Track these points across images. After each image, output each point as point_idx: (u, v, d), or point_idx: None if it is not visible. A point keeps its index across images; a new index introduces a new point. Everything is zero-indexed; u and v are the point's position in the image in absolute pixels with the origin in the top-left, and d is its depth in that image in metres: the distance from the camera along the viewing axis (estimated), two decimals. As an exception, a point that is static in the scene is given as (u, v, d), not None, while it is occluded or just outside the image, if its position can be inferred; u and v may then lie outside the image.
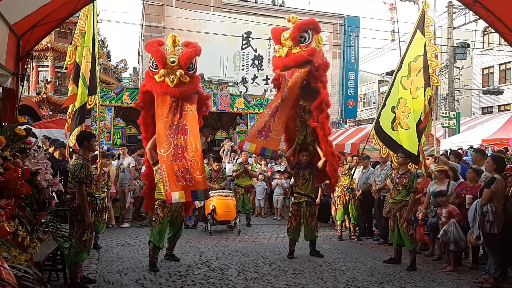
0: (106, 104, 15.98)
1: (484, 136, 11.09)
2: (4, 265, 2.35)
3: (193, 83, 6.55)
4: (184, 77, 6.30)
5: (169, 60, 6.26)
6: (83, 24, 6.90)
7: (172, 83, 6.24)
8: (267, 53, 27.31)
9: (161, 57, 6.26)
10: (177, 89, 6.28)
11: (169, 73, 6.25)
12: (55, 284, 5.35)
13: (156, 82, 6.32)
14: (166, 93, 6.30)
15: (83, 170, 5.15)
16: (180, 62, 6.30)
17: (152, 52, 6.37)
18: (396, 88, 8.16)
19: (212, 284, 5.62)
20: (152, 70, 6.44)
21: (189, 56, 6.40)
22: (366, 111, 40.97)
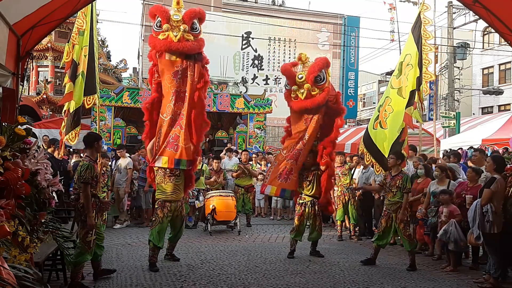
0: (106, 104, 15.97)
1: (484, 136, 11.10)
2: (4, 265, 2.35)
3: (198, 42, 6.63)
4: (188, 35, 6.41)
5: (173, 16, 6.41)
6: (81, 22, 6.89)
7: (176, 37, 6.30)
8: (267, 53, 27.31)
9: (165, 13, 6.44)
10: (181, 44, 6.34)
11: (173, 29, 6.35)
12: (55, 284, 5.35)
13: (159, 39, 6.39)
14: (170, 48, 6.36)
15: (88, 171, 5.16)
16: (184, 19, 6.44)
17: (156, 10, 6.53)
18: (387, 88, 8.28)
19: (212, 284, 5.62)
20: (156, 30, 6.50)
21: (192, 14, 6.58)
22: (366, 111, 40.99)
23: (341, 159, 9.14)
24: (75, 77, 6.82)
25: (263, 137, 18.47)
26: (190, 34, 6.46)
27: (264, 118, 18.52)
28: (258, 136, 18.24)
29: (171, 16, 6.42)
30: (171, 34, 6.33)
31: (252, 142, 17.92)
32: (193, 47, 6.51)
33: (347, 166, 9.09)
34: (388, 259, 7.24)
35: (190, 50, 6.46)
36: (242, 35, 26.87)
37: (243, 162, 10.61)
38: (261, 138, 18.34)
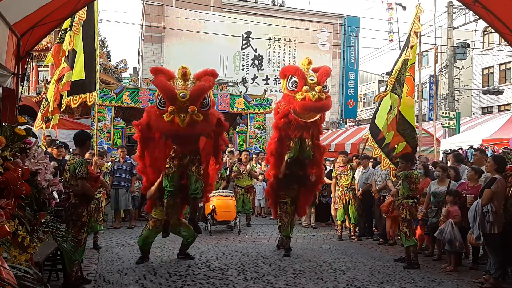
0: (106, 104, 15.98)
1: (484, 136, 11.09)
2: (4, 265, 2.35)
3: (208, 122, 5.86)
4: (198, 115, 5.59)
5: (179, 95, 5.53)
6: (82, 14, 6.89)
7: (183, 122, 5.54)
8: (267, 53, 27.31)
9: (170, 92, 5.55)
10: (189, 128, 5.63)
11: (180, 111, 5.51)
12: (55, 284, 5.35)
13: (164, 121, 5.61)
14: (177, 134, 5.73)
15: (84, 166, 5.16)
16: (192, 98, 5.55)
17: (160, 87, 5.71)
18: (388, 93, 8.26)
19: (212, 284, 5.62)
20: (160, 108, 5.73)
21: (202, 90, 5.69)
22: (366, 111, 40.94)
23: (344, 159, 9.13)
24: (73, 65, 6.83)
25: (263, 137, 18.47)
26: (200, 114, 5.67)
27: (264, 118, 18.53)
28: (258, 136, 18.24)
29: (177, 95, 5.57)
30: (177, 118, 5.59)
31: (252, 142, 17.93)
32: (203, 130, 5.99)
33: (349, 166, 9.08)
34: (388, 259, 7.24)
35: (201, 131, 6.00)
36: (242, 35, 26.88)
37: (243, 162, 10.61)
38: (261, 138, 18.34)
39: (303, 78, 6.76)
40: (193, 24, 25.74)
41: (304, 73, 6.84)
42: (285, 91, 7.07)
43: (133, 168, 9.71)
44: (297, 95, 6.74)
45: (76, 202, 5.18)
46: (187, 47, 25.64)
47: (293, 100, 6.79)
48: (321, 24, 28.22)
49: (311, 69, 7.07)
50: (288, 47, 27.56)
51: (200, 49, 25.57)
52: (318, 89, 6.66)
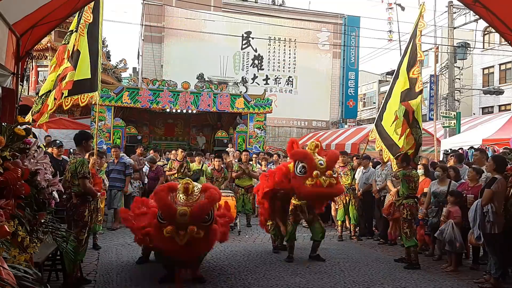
0: (106, 104, 15.99)
1: (485, 136, 11.07)
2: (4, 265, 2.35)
3: (208, 239, 5.47)
4: (198, 232, 5.19)
5: (179, 212, 5.16)
6: (89, 16, 6.90)
7: (182, 240, 5.17)
8: (267, 53, 27.30)
9: (169, 209, 5.20)
10: (188, 249, 5.27)
11: (179, 228, 5.18)
12: (55, 285, 5.34)
13: (163, 236, 5.26)
14: (174, 253, 5.37)
15: (85, 166, 5.19)
16: (192, 215, 5.18)
17: (159, 202, 5.36)
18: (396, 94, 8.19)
19: (212, 285, 5.61)
20: (160, 221, 5.38)
21: (203, 209, 5.31)
22: (366, 111, 40.94)
23: (344, 159, 9.13)
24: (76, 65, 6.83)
25: (263, 137, 18.48)
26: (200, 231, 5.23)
27: (264, 118, 18.54)
28: (258, 136, 18.25)
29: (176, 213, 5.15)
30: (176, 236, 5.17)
31: (252, 142, 17.93)
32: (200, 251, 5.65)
33: (349, 166, 9.08)
34: (388, 259, 7.23)
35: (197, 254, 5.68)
36: (242, 35, 26.87)
37: (244, 162, 10.60)
38: (261, 138, 18.34)
39: (312, 163, 6.56)
40: (193, 24, 25.73)
41: (313, 159, 6.63)
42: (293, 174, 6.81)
43: (127, 168, 9.65)
44: (306, 181, 6.52)
45: (77, 202, 5.19)
46: (187, 47, 25.64)
47: (302, 185, 6.59)
48: (321, 24, 28.21)
49: (316, 153, 6.85)
50: (288, 47, 27.56)
51: (200, 49, 25.57)
52: (329, 174, 6.53)
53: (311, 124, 27.85)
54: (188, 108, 17.65)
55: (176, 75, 22.50)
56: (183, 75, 22.08)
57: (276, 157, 13.10)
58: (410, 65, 7.78)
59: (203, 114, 19.96)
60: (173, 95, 17.25)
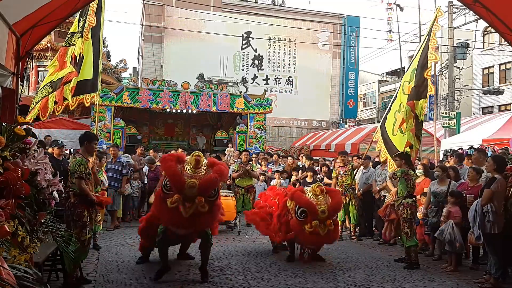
0: (106, 104, 15.97)
1: (485, 136, 11.08)
2: (4, 265, 2.35)
3: (211, 215, 5.52)
4: (203, 206, 5.23)
5: (187, 183, 5.14)
6: (92, 20, 6.92)
7: (187, 212, 5.18)
8: (267, 53, 27.30)
9: (179, 180, 5.16)
10: (192, 221, 5.29)
11: (185, 199, 5.16)
12: (55, 285, 5.34)
13: (166, 207, 5.24)
14: (177, 225, 5.38)
15: (82, 166, 5.18)
16: (200, 188, 5.17)
17: (168, 172, 5.33)
18: (399, 93, 8.21)
19: (212, 284, 5.61)
20: (165, 192, 5.38)
21: (212, 183, 5.33)
22: (366, 111, 40.95)
23: (343, 159, 9.13)
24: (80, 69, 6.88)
25: (263, 137, 18.47)
26: (205, 205, 5.29)
27: (264, 118, 18.53)
28: (258, 136, 18.24)
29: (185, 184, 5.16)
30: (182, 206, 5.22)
31: (252, 142, 17.93)
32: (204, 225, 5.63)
33: (349, 166, 9.08)
34: (388, 259, 7.23)
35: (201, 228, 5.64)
36: (242, 35, 26.87)
37: (244, 162, 10.61)
38: (261, 138, 18.34)
39: (314, 213, 6.51)
40: (193, 24, 25.74)
41: (316, 208, 6.52)
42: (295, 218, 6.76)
43: (124, 168, 9.62)
44: (306, 226, 6.51)
45: (75, 201, 5.17)
46: (187, 47, 25.64)
47: (300, 230, 6.59)
48: (321, 24, 28.21)
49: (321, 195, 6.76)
50: (288, 47, 27.55)
51: (200, 49, 25.57)
52: (328, 224, 6.54)
53: (311, 124, 27.85)
54: (188, 108, 17.65)
55: (176, 75, 22.50)
56: (183, 75, 22.08)
57: (276, 157, 13.11)
58: (426, 66, 7.76)
59: (203, 114, 19.96)
60: (173, 95, 17.25)
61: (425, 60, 7.79)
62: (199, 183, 5.13)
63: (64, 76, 6.92)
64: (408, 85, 7.98)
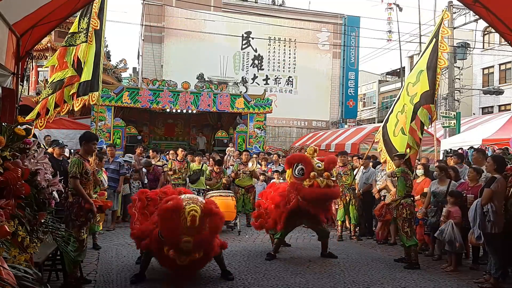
0: (106, 104, 15.97)
1: (485, 136, 11.08)
2: (4, 265, 2.35)
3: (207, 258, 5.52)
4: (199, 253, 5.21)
5: (183, 241, 5.01)
6: (96, 22, 6.93)
7: (183, 262, 5.19)
8: (267, 53, 27.31)
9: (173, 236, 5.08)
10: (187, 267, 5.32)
11: (180, 253, 5.15)
12: (55, 285, 5.34)
13: (164, 253, 5.27)
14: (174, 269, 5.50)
15: (76, 166, 5.18)
16: (195, 245, 5.08)
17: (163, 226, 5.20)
18: (404, 94, 8.15)
19: (212, 284, 5.62)
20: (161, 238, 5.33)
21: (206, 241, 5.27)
22: (366, 111, 40.97)
23: (343, 160, 9.13)
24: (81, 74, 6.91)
25: (263, 137, 18.48)
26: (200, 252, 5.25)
27: (264, 118, 18.53)
28: (258, 136, 18.25)
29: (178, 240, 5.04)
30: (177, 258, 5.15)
31: (252, 142, 17.93)
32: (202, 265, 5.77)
33: (349, 166, 9.08)
34: (388, 259, 7.24)
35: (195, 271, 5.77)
36: (242, 35, 26.88)
37: (243, 162, 10.60)
38: (261, 138, 18.34)
39: (310, 164, 6.75)
40: (193, 24, 25.74)
41: (311, 160, 6.85)
42: (292, 179, 6.96)
43: (121, 168, 9.59)
44: (304, 182, 6.68)
45: (73, 201, 5.17)
46: (187, 47, 25.64)
47: (300, 187, 6.72)
48: (321, 24, 28.21)
49: (315, 158, 7.04)
50: (288, 47, 27.56)
51: (200, 49, 25.58)
52: (326, 175, 6.69)
53: (311, 124, 27.86)
54: (188, 108, 17.65)
55: (176, 75, 22.51)
56: (183, 75, 22.08)
57: (276, 157, 13.11)
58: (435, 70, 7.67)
59: (203, 114, 19.96)
60: (173, 95, 17.25)
61: (434, 64, 7.65)
62: (193, 241, 5.03)
63: (66, 79, 6.96)
64: (413, 86, 7.91)
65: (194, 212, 5.00)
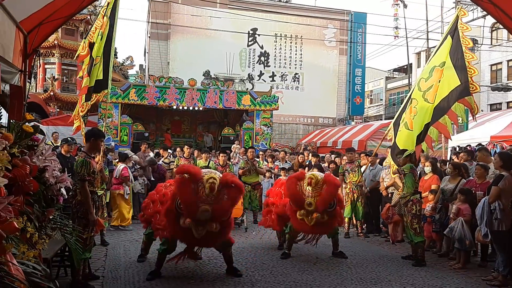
0: (113, 101, 16.04)
1: (493, 133, 11.00)
2: (13, 261, 2.36)
3: (223, 233, 5.56)
4: (216, 227, 5.25)
5: (201, 209, 5.07)
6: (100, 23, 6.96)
7: (199, 234, 5.23)
8: (273, 49, 27.26)
9: (191, 206, 5.11)
10: (202, 240, 5.40)
11: (198, 224, 5.16)
12: (64, 281, 5.37)
13: (179, 224, 5.30)
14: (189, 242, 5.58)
15: (84, 167, 5.05)
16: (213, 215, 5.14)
17: (182, 198, 5.22)
18: (415, 89, 8.08)
19: (220, 281, 5.62)
20: (178, 210, 5.37)
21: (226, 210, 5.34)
22: (373, 108, 40.83)
23: (350, 156, 9.09)
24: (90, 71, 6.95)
25: (269, 134, 18.48)
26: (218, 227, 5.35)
27: (270, 115, 18.53)
28: (265, 133, 18.26)
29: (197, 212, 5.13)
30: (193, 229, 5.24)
31: (258, 139, 17.94)
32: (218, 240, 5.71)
33: (356, 163, 9.04)
34: (396, 257, 7.21)
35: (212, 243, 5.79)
36: (248, 32, 26.86)
37: (250, 159, 10.60)
38: (268, 135, 18.35)
39: (299, 202, 6.41)
40: (199, 20, 25.75)
41: (302, 199, 6.38)
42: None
43: (109, 165, 9.45)
44: (297, 213, 6.49)
45: (82, 199, 5.13)
46: (193, 44, 25.66)
47: (294, 216, 6.59)
48: (328, 20, 28.12)
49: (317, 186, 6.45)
50: (294, 43, 27.50)
51: (206, 46, 25.60)
52: (315, 216, 6.31)
53: (317, 121, 27.81)
54: (194, 105, 17.69)
55: (182, 72, 22.55)
56: (190, 72, 22.12)
57: (283, 154, 13.09)
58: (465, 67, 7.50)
59: (209, 111, 19.99)
60: (179, 92, 17.29)
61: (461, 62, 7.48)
62: (212, 210, 5.05)
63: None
64: (426, 82, 7.83)
65: (213, 180, 5.06)
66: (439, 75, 7.63)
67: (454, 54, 7.53)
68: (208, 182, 5.08)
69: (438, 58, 7.83)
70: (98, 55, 6.96)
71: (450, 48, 7.60)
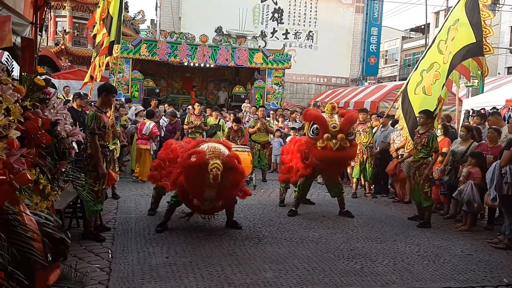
0: (124, 56, 15.92)
1: (508, 96, 10.78)
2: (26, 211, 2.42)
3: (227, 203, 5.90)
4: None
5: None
6: None
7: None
8: (288, 6, 26.59)
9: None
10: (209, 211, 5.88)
11: (204, 201, 5.49)
12: (75, 231, 5.53)
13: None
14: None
15: (94, 121, 5.13)
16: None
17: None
18: (433, 51, 7.79)
19: (228, 236, 5.75)
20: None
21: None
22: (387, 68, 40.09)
23: (363, 117, 9.01)
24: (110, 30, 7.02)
25: (281, 93, 18.34)
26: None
27: (282, 74, 18.32)
28: (276, 92, 18.11)
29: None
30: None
31: (270, 98, 17.84)
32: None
33: (369, 124, 8.98)
34: (402, 217, 7.28)
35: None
36: (262, -13, 26.14)
37: (260, 118, 10.58)
38: (279, 94, 18.21)
39: (324, 125, 6.52)
40: (212, -26, 25.08)
41: (326, 121, 6.56)
42: (308, 136, 6.87)
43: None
44: (318, 143, 6.53)
45: (91, 153, 5.20)
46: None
47: (313, 148, 6.63)
48: (344, -24, 27.20)
49: (336, 115, 6.75)
50: (309, 0, 26.77)
51: (219, 1, 25.02)
52: (340, 138, 6.40)
53: (330, 80, 27.44)
54: (206, 62, 17.52)
55: (194, 28, 22.19)
56: (201, 28, 21.78)
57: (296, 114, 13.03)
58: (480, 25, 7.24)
59: (221, 68, 19.81)
60: (191, 49, 17.09)
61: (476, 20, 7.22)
62: (217, 193, 5.33)
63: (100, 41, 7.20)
64: (445, 44, 7.58)
65: (217, 171, 5.07)
66: (454, 33, 7.42)
67: (470, 11, 7.28)
68: (212, 172, 5.06)
69: (452, 18, 7.60)
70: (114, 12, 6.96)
71: (465, 4, 7.36)
